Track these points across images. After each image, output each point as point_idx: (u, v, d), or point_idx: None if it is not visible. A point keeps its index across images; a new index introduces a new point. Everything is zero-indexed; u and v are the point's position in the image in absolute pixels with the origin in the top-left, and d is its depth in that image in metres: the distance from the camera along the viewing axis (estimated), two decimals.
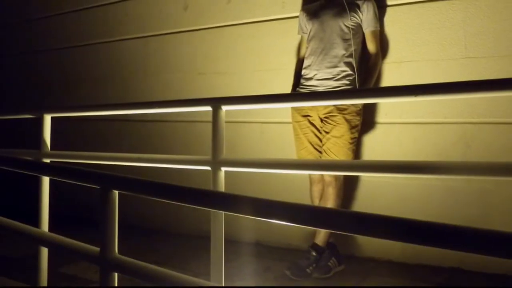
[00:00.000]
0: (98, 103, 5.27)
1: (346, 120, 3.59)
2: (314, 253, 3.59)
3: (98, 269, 2.00)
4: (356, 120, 3.65)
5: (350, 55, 3.64)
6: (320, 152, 3.70)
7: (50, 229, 3.13)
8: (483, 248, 1.21)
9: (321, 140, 3.70)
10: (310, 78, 3.73)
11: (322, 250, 3.62)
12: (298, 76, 3.91)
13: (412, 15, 3.76)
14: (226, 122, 2.66)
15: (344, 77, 3.64)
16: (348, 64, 3.65)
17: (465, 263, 3.50)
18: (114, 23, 5.52)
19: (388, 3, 3.84)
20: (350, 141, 3.62)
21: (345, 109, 3.59)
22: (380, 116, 3.88)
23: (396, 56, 3.81)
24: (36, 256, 3.15)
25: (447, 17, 3.63)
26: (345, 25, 3.66)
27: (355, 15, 3.66)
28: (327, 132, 3.64)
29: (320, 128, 3.70)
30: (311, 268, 3.55)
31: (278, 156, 4.16)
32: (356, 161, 3.62)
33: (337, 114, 3.59)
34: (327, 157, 3.61)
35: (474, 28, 3.53)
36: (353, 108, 3.60)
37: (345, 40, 3.66)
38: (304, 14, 3.91)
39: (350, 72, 3.64)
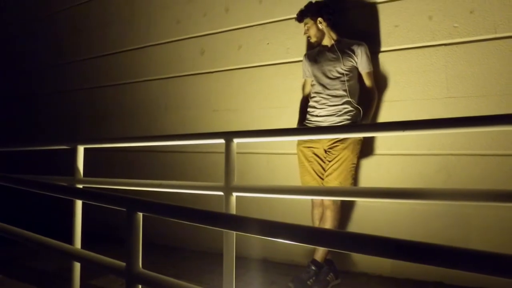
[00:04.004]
0: (125, 136, 5.32)
1: (348, 148, 3.60)
2: (314, 268, 3.57)
3: (124, 282, 2.00)
4: (357, 149, 3.66)
5: (349, 94, 3.66)
6: (322, 179, 3.70)
7: (82, 246, 3.13)
8: (463, 265, 1.21)
9: (323, 168, 3.70)
10: (316, 115, 3.75)
11: (321, 266, 3.60)
12: (303, 112, 3.93)
13: (400, 60, 3.79)
14: (237, 153, 2.68)
15: (345, 113, 3.65)
16: (348, 102, 3.66)
17: (447, 278, 3.47)
18: (139, 66, 5.58)
19: (381, 49, 3.87)
20: (351, 167, 3.62)
21: (347, 139, 3.61)
22: (373, 148, 3.88)
23: (386, 96, 3.83)
24: (68, 269, 3.15)
25: (431, 62, 3.66)
26: (342, 69, 3.69)
27: (350, 59, 3.70)
28: (329, 161, 3.64)
29: (323, 158, 3.70)
30: (311, 281, 3.52)
31: (282, 183, 4.16)
32: (351, 187, 3.61)
33: (340, 144, 3.61)
34: (329, 181, 3.61)
35: (454, 71, 3.56)
36: (354, 138, 3.62)
37: (343, 81, 3.68)
38: (306, 60, 3.96)
39: (351, 109, 3.65)
